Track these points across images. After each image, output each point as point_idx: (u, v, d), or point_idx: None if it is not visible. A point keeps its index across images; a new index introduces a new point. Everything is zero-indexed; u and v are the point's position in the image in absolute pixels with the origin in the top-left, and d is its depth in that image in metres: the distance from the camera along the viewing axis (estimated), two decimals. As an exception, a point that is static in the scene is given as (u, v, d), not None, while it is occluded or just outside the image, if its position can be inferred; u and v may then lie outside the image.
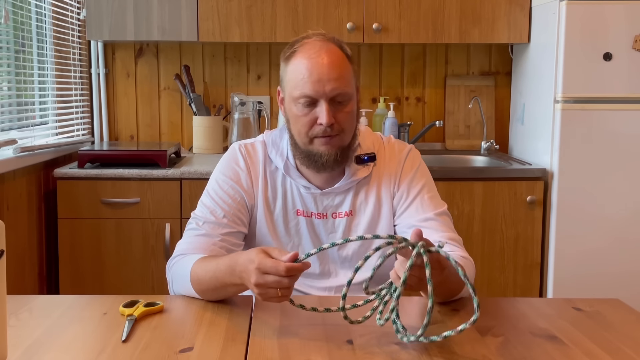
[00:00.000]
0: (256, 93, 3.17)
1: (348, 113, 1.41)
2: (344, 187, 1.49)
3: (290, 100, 1.42)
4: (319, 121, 1.38)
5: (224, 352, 1.08)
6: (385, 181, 1.50)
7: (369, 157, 1.49)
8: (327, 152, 1.41)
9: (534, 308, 1.33)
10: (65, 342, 1.12)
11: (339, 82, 1.37)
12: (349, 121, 1.42)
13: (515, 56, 3.09)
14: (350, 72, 1.41)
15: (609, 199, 2.57)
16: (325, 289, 1.49)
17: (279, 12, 2.79)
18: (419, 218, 1.46)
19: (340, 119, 1.39)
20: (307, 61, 1.37)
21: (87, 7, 2.77)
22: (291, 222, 1.49)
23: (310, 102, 1.38)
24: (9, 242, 1.03)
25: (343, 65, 1.39)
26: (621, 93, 2.55)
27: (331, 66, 1.37)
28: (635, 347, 1.13)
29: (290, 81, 1.41)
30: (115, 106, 3.16)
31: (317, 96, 1.37)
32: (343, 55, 1.41)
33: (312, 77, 1.36)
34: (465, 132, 3.19)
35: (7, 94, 2.49)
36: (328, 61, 1.37)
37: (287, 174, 1.49)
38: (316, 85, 1.36)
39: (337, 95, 1.38)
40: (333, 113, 1.38)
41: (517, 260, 2.67)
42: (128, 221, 2.55)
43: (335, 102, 1.39)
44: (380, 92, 3.20)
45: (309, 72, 1.37)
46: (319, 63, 1.37)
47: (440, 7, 2.83)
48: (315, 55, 1.37)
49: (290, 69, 1.41)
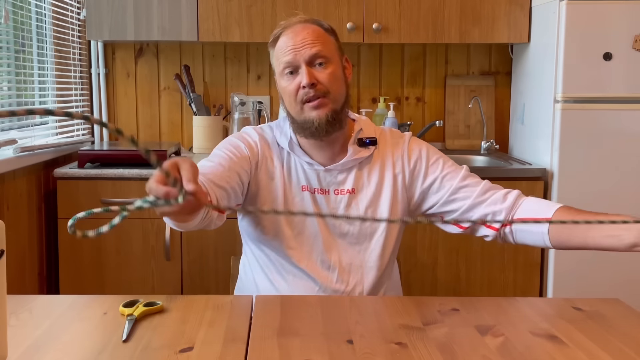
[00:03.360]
0: (256, 93, 3.17)
1: (330, 74, 1.49)
2: (346, 165, 1.56)
3: (279, 77, 1.52)
4: (302, 84, 1.47)
5: (224, 352, 1.08)
6: (388, 165, 1.58)
7: (371, 140, 1.58)
8: (318, 116, 1.48)
9: (534, 308, 1.33)
10: (65, 342, 1.12)
11: (313, 44, 1.47)
12: (333, 82, 1.49)
13: (515, 56, 3.09)
14: (328, 39, 1.52)
15: (609, 199, 2.57)
16: (327, 263, 1.55)
17: (279, 12, 2.79)
18: (449, 190, 1.55)
19: (322, 79, 1.48)
20: (286, 37, 1.50)
21: (87, 7, 2.77)
22: (296, 197, 1.55)
23: (293, 70, 1.49)
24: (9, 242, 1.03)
25: (317, 32, 1.51)
26: (621, 93, 2.55)
27: (306, 34, 1.49)
28: (635, 347, 1.13)
29: (276, 60, 1.52)
30: (115, 106, 3.16)
31: (295, 61, 1.48)
32: (320, 29, 1.52)
33: (289, 46, 1.48)
34: (465, 132, 3.19)
35: (7, 94, 2.49)
36: (303, 31, 1.49)
37: (292, 151, 1.56)
38: (293, 52, 1.48)
39: (314, 57, 1.48)
40: (315, 74, 1.47)
41: (517, 260, 2.67)
42: (128, 221, 2.54)
43: (315, 65, 1.48)
44: (380, 92, 3.20)
45: (286, 45, 1.49)
46: (295, 34, 1.49)
47: (440, 7, 2.83)
48: (293, 32, 1.50)
49: (275, 52, 1.52)
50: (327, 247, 1.54)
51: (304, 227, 1.54)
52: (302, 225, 1.54)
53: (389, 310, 1.29)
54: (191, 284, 2.59)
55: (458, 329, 1.20)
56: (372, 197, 1.56)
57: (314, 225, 1.54)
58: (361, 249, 1.56)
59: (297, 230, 1.54)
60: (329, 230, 1.55)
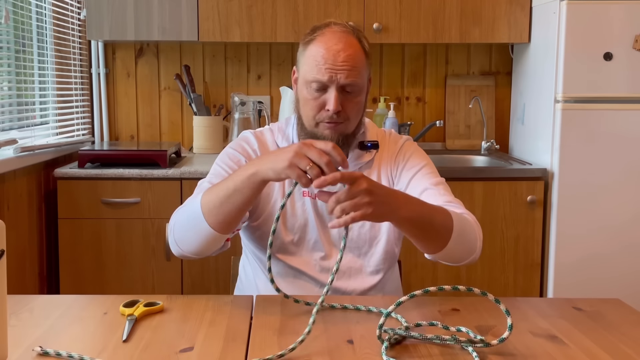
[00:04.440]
0: (256, 93, 3.17)
1: (356, 103, 1.47)
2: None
3: (303, 82, 1.48)
4: (327, 107, 1.44)
5: (224, 352, 1.08)
6: (384, 168, 1.57)
7: (373, 144, 1.56)
8: (330, 137, 1.46)
9: (534, 308, 1.33)
10: (65, 342, 1.12)
11: (351, 73, 1.43)
12: (356, 111, 1.48)
13: (515, 56, 3.09)
14: (364, 65, 1.47)
15: (609, 199, 2.57)
16: (327, 270, 1.53)
17: (279, 12, 2.79)
18: (418, 191, 1.50)
19: (348, 107, 1.45)
20: (324, 49, 1.43)
21: (88, 7, 2.77)
22: (297, 202, 1.54)
23: (321, 87, 1.44)
24: (9, 242, 1.03)
25: (358, 57, 1.45)
26: (621, 93, 2.55)
27: (346, 56, 1.42)
28: (635, 347, 1.13)
29: (306, 65, 1.46)
30: (115, 106, 3.16)
31: (328, 83, 1.43)
32: (360, 48, 1.47)
33: (327, 64, 1.42)
34: (465, 132, 3.19)
35: (8, 94, 2.49)
36: (344, 51, 1.42)
37: None
38: (329, 72, 1.42)
39: (347, 85, 1.44)
40: (341, 101, 1.44)
41: (518, 260, 2.67)
42: (128, 221, 2.55)
43: (345, 91, 1.45)
44: (381, 92, 3.20)
45: (324, 59, 1.42)
46: (335, 52, 1.42)
47: (440, 7, 2.83)
48: (333, 44, 1.43)
49: (308, 54, 1.46)
50: (327, 253, 1.53)
51: (304, 233, 1.53)
52: (302, 232, 1.53)
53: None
54: (191, 284, 2.59)
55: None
56: None
57: (313, 231, 1.53)
58: (361, 253, 1.55)
59: (296, 237, 1.53)
60: (328, 236, 1.54)
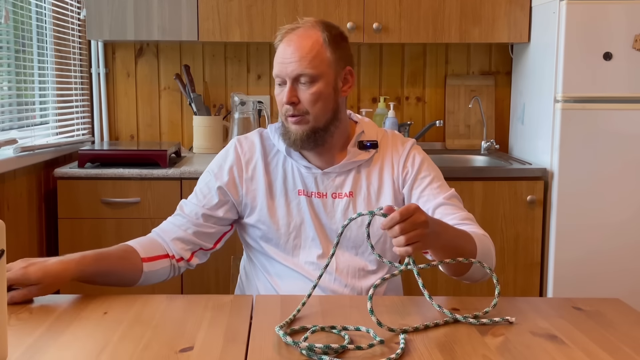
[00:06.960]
0: (256, 93, 3.17)
1: (312, 94, 1.47)
2: (344, 168, 1.55)
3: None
4: (283, 100, 1.48)
5: (224, 352, 1.08)
6: (387, 168, 1.56)
7: (371, 143, 1.56)
8: (295, 131, 1.49)
9: (534, 308, 1.32)
10: (65, 342, 1.12)
11: (299, 64, 1.45)
12: (314, 102, 1.47)
13: (515, 56, 3.09)
14: (322, 54, 1.47)
15: (609, 199, 2.57)
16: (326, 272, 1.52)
17: (279, 12, 2.79)
18: (432, 205, 1.51)
19: (304, 99, 1.47)
20: (282, 45, 1.48)
21: (87, 7, 2.77)
22: (292, 201, 1.54)
23: (282, 82, 1.48)
24: (9, 241, 1.03)
25: (311, 47, 1.46)
26: (621, 93, 2.55)
27: (296, 48, 1.45)
28: (635, 346, 1.13)
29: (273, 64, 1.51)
30: (115, 106, 3.16)
31: (282, 76, 1.47)
32: (319, 39, 1.47)
33: (279, 58, 1.48)
34: (465, 132, 3.19)
35: (7, 94, 2.49)
36: (295, 44, 1.46)
37: (288, 155, 1.55)
38: (281, 66, 1.47)
39: (298, 76, 1.46)
40: (297, 93, 1.47)
41: (517, 259, 2.67)
42: (128, 221, 2.55)
43: (299, 83, 1.46)
44: (381, 91, 3.20)
45: (278, 54, 1.48)
46: (287, 46, 1.47)
47: (440, 6, 2.83)
48: (287, 40, 1.48)
49: (275, 54, 1.51)
50: (324, 251, 1.53)
51: (300, 231, 1.53)
52: (299, 230, 1.53)
53: (389, 310, 1.28)
54: (191, 283, 2.59)
55: (458, 329, 1.20)
56: (370, 202, 1.54)
57: (311, 230, 1.53)
58: (358, 252, 1.55)
59: (293, 235, 1.53)
60: (326, 235, 1.54)
